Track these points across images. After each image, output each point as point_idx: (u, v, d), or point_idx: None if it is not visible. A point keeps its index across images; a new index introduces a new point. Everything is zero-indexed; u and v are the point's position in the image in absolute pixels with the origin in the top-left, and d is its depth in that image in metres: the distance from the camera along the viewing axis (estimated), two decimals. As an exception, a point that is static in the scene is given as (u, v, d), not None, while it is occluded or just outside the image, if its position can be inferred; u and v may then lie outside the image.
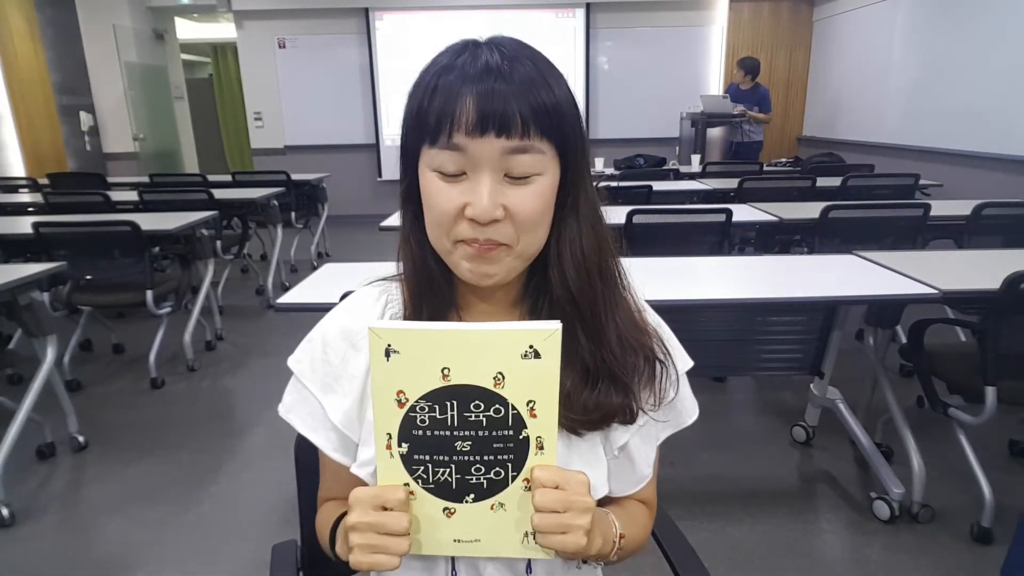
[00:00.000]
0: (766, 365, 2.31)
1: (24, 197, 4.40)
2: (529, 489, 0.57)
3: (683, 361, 0.73)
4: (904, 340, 2.34)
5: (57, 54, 6.00)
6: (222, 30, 8.57)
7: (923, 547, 1.84)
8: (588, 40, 6.90)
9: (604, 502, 0.72)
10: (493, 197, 0.58)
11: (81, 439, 2.46)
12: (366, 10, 6.81)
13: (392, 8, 6.80)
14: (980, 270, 1.95)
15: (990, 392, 1.71)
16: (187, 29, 8.45)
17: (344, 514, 0.64)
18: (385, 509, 0.56)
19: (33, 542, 1.95)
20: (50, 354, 2.26)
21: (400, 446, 0.55)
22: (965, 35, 4.46)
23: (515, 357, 0.52)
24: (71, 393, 2.78)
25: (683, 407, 0.74)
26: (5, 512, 2.02)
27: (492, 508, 0.57)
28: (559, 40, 6.86)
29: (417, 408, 0.54)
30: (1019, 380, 1.79)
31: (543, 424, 0.55)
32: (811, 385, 2.32)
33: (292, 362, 0.73)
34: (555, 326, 0.52)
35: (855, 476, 2.20)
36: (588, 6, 6.80)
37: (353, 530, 0.56)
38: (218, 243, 3.67)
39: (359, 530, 0.56)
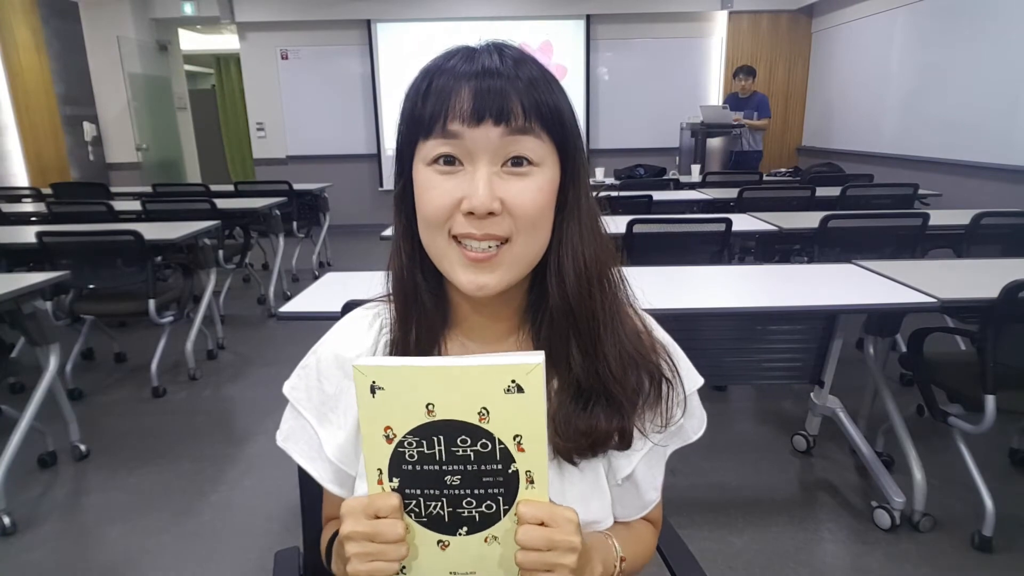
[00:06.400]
0: (766, 374, 2.31)
1: (28, 207, 4.41)
2: None
3: (692, 380, 0.70)
4: (904, 349, 2.35)
5: (61, 65, 6.04)
6: (225, 41, 8.63)
7: (924, 556, 1.84)
8: (588, 51, 6.94)
9: None
10: (490, 188, 0.55)
11: (83, 448, 2.47)
12: (368, 22, 6.87)
13: (394, 20, 6.85)
14: (979, 279, 1.95)
15: (990, 401, 1.71)
16: (190, 40, 8.50)
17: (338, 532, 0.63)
18: (378, 518, 0.55)
19: (34, 550, 1.95)
20: (53, 363, 2.27)
21: (391, 480, 0.55)
22: (963, 46, 4.49)
23: (498, 392, 0.51)
24: (73, 402, 2.78)
25: (689, 425, 0.71)
26: (7, 520, 2.02)
27: (486, 541, 0.57)
28: (559, 51, 6.91)
29: (405, 443, 0.54)
30: (1018, 389, 1.79)
31: (532, 458, 0.54)
32: (811, 394, 2.32)
33: (288, 389, 0.72)
34: (537, 360, 0.50)
35: (856, 485, 2.20)
36: (588, 17, 6.85)
37: (348, 540, 0.54)
38: (220, 252, 3.67)
39: (354, 539, 0.54)
